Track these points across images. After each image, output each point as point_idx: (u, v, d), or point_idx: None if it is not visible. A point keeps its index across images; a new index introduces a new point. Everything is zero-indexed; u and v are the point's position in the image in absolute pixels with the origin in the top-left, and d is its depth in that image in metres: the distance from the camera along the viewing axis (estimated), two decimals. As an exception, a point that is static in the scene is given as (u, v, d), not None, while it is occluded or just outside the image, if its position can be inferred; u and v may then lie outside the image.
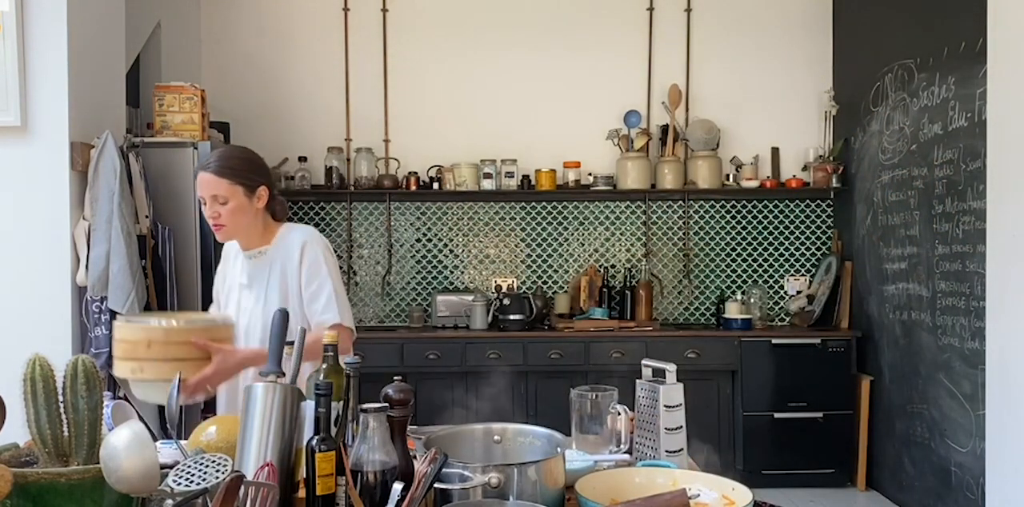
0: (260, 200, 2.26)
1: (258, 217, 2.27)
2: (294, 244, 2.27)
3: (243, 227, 2.25)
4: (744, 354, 4.50)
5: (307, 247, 2.26)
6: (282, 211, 2.35)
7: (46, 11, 3.10)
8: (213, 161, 2.22)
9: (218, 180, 2.19)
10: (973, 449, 3.43)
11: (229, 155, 2.26)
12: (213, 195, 2.19)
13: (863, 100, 4.54)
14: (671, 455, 1.80)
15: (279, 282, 2.27)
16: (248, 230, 2.27)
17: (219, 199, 2.19)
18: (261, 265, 2.30)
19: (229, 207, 2.20)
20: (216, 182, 2.19)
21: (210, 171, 2.20)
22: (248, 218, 2.25)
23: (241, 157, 2.28)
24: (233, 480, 1.19)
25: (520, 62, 4.98)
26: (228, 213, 2.21)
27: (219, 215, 2.21)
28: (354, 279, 4.98)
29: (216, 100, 4.39)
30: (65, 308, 3.14)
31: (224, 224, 2.22)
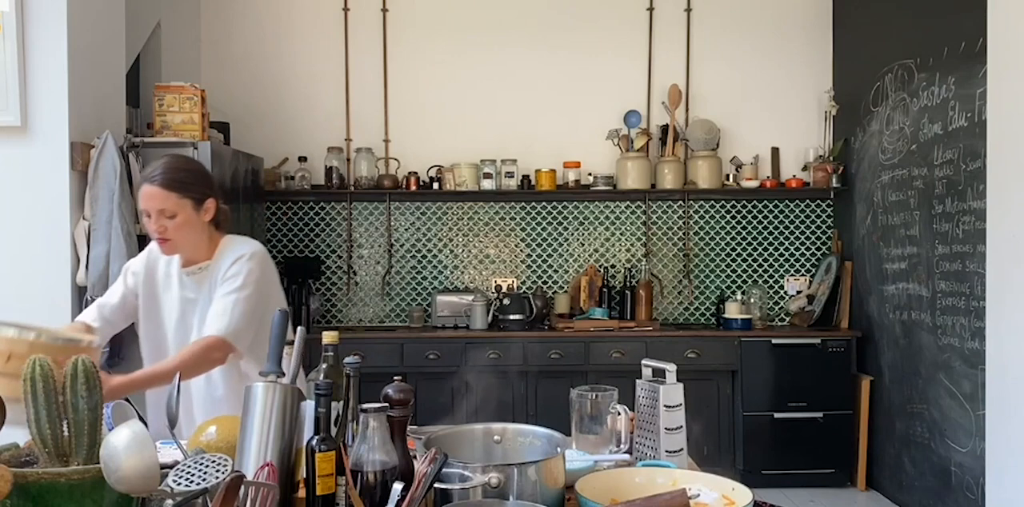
0: (207, 213, 2.19)
1: (204, 230, 2.21)
2: (232, 255, 2.20)
3: (191, 242, 2.19)
4: (744, 354, 4.50)
5: (239, 261, 2.18)
6: (226, 221, 2.27)
7: (46, 11, 3.10)
8: (159, 173, 2.12)
9: (166, 194, 2.10)
10: (973, 449, 3.43)
11: (176, 167, 2.16)
12: (160, 209, 2.11)
13: (863, 100, 4.54)
14: (671, 455, 1.81)
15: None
16: (195, 244, 2.20)
17: (166, 213, 2.11)
18: (201, 281, 2.22)
19: (176, 221, 2.13)
20: (164, 196, 2.10)
21: (156, 184, 2.10)
22: (196, 232, 2.18)
23: (188, 169, 2.19)
24: (233, 480, 1.19)
25: (520, 62, 4.98)
26: (175, 227, 2.13)
27: (165, 229, 2.13)
28: (354, 279, 4.98)
29: (216, 100, 4.39)
30: (65, 308, 3.14)
31: (171, 238, 2.14)
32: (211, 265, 2.23)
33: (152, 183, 2.11)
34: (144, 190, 2.12)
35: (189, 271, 2.24)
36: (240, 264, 2.19)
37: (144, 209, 2.13)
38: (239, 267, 2.18)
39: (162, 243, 2.16)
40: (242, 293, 2.15)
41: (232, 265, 2.18)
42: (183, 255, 2.23)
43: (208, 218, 2.20)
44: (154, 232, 2.14)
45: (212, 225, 2.23)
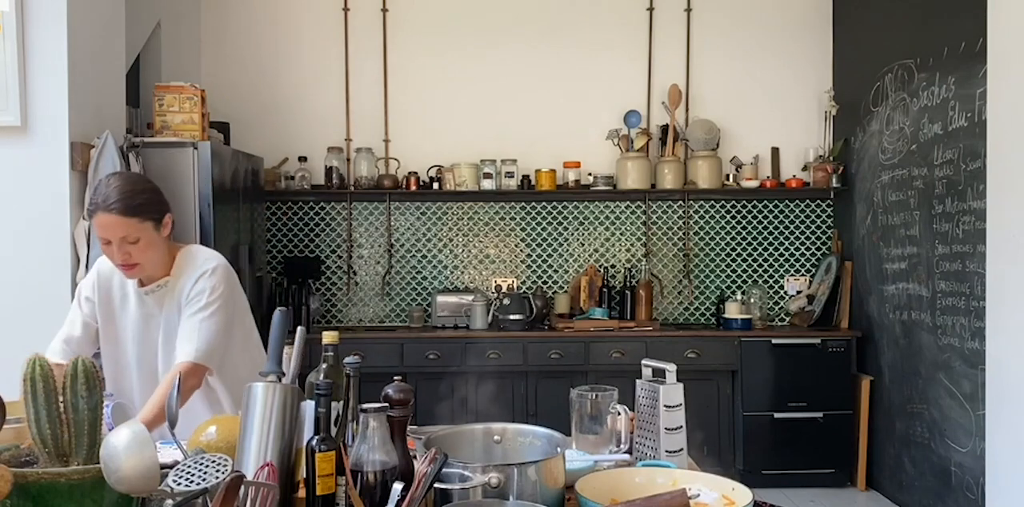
0: (166, 228, 2.13)
1: (164, 246, 2.15)
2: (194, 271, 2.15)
3: (154, 262, 2.13)
4: (744, 354, 4.50)
5: (202, 278, 2.13)
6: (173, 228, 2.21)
7: (46, 11, 3.10)
8: (115, 201, 2.02)
9: (126, 221, 2.03)
10: (973, 449, 3.43)
11: (131, 191, 2.06)
12: (122, 236, 2.04)
13: (863, 100, 4.54)
14: (671, 455, 1.80)
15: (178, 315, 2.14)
16: (157, 263, 2.15)
17: (129, 239, 2.05)
18: (161, 299, 2.17)
19: (140, 245, 2.07)
20: (125, 223, 2.03)
21: (115, 212, 2.02)
22: (158, 251, 2.13)
23: (143, 190, 2.11)
24: (233, 480, 1.19)
25: (520, 62, 4.98)
26: (139, 251, 2.07)
27: (130, 256, 2.06)
28: (354, 279, 4.98)
29: (216, 100, 4.39)
30: (65, 308, 3.12)
31: (137, 263, 2.08)
32: (171, 282, 2.17)
33: (109, 211, 2.02)
34: (101, 219, 2.03)
35: (147, 290, 2.18)
36: (204, 281, 2.14)
37: (103, 237, 2.05)
38: (203, 284, 2.13)
39: (128, 269, 2.09)
40: (207, 312, 2.11)
41: (196, 283, 2.14)
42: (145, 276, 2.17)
43: (167, 233, 2.14)
44: (118, 260, 2.07)
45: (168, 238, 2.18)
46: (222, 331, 2.13)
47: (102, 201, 2.03)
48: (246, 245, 4.04)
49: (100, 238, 2.06)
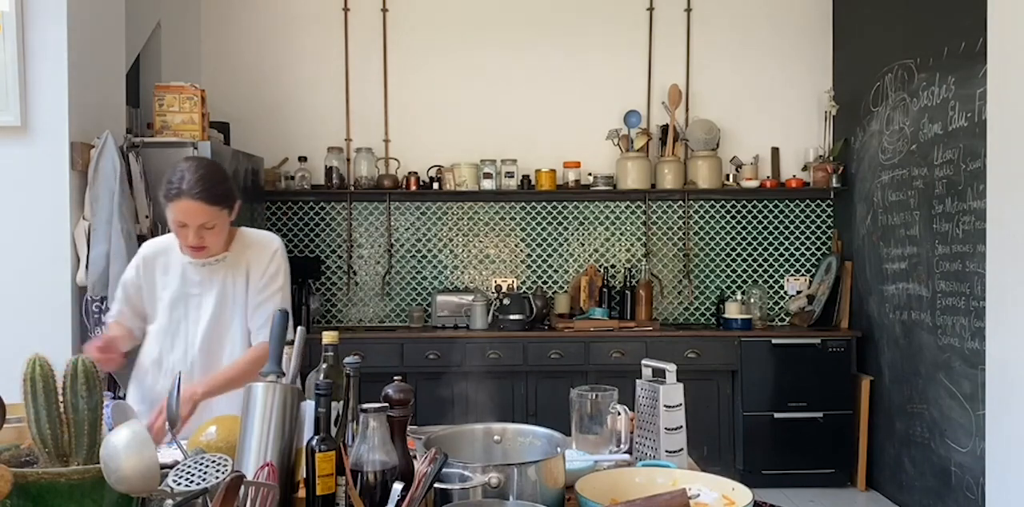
0: (235, 214, 2.22)
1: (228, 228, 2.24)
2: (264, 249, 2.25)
3: (221, 243, 2.21)
4: (744, 354, 4.50)
5: (275, 257, 2.25)
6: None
7: (46, 11, 3.10)
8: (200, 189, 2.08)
9: (209, 208, 2.09)
10: (973, 449, 3.43)
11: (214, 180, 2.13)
12: (201, 223, 2.10)
13: (863, 100, 4.54)
14: (671, 455, 1.81)
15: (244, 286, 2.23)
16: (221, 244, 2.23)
17: (207, 225, 2.11)
18: (216, 271, 2.24)
19: (215, 231, 2.14)
20: (208, 211, 2.09)
21: (199, 199, 2.08)
22: (225, 234, 2.21)
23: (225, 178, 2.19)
24: (233, 480, 1.19)
25: (520, 62, 4.98)
26: (213, 236, 2.15)
27: (203, 239, 2.13)
28: (354, 279, 4.98)
29: (216, 100, 4.39)
30: (65, 308, 3.14)
31: (207, 246, 2.16)
32: (229, 257, 2.25)
33: (194, 199, 2.07)
34: (184, 204, 2.08)
35: (204, 262, 2.23)
36: (277, 262, 2.26)
37: (181, 221, 2.10)
38: (276, 265, 2.26)
39: (197, 251, 2.17)
40: (284, 292, 2.25)
41: (271, 263, 2.25)
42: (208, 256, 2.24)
43: (234, 218, 2.23)
44: (191, 242, 2.13)
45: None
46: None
47: (187, 188, 2.08)
48: (246, 245, 4.03)
49: (176, 221, 2.11)
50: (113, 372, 2.22)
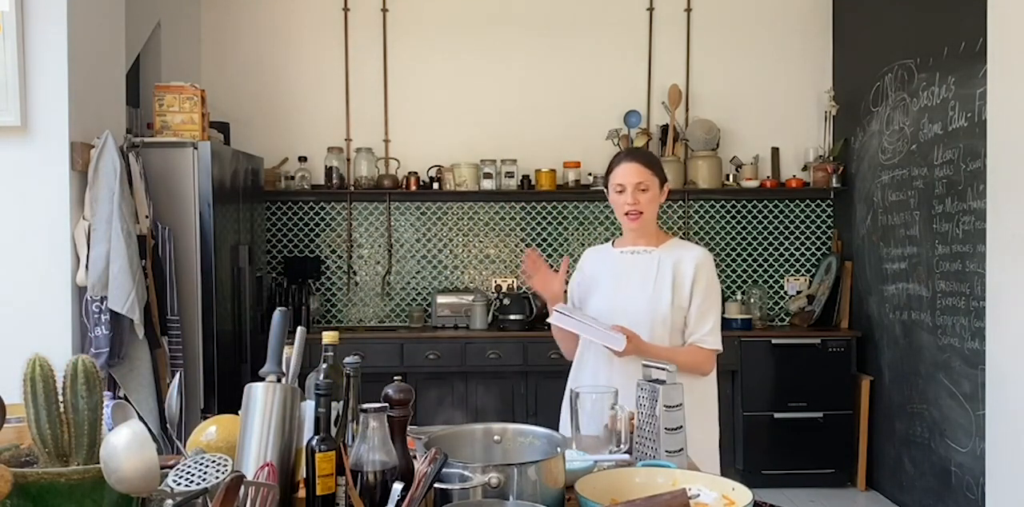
0: (664, 195, 2.42)
1: (657, 212, 2.44)
2: (689, 257, 2.38)
3: (650, 219, 2.41)
4: (744, 354, 4.50)
5: (703, 267, 2.37)
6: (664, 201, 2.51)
7: (46, 11, 3.09)
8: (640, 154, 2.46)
9: (644, 170, 2.36)
10: (973, 449, 3.43)
11: (651, 153, 2.53)
12: (637, 183, 2.35)
13: (863, 100, 4.54)
14: (671, 455, 1.80)
15: (671, 280, 2.36)
16: (651, 224, 2.43)
17: (641, 186, 2.35)
18: (647, 261, 2.41)
19: (648, 195, 2.36)
20: (642, 171, 2.36)
21: (638, 161, 2.38)
22: (655, 211, 2.42)
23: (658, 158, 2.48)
24: (233, 480, 1.19)
25: (520, 62, 4.98)
26: (647, 202, 2.36)
27: (639, 202, 2.36)
28: (354, 279, 4.98)
29: (216, 100, 4.39)
30: (65, 308, 3.14)
31: (643, 211, 2.37)
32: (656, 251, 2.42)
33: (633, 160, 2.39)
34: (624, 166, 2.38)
35: (631, 250, 2.45)
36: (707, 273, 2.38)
37: (620, 183, 2.37)
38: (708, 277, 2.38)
39: (635, 217, 2.38)
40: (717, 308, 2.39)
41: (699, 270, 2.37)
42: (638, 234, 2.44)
43: (662, 200, 2.44)
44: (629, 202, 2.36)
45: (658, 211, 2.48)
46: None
47: (626, 154, 2.43)
48: (246, 245, 4.04)
49: (616, 185, 2.38)
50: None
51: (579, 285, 2.53)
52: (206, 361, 3.56)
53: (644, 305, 2.36)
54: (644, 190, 2.35)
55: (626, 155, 2.42)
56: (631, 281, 2.40)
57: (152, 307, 3.30)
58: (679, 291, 2.35)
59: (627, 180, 2.36)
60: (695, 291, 2.34)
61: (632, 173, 2.36)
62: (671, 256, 2.40)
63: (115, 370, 3.16)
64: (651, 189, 2.37)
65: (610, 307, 2.39)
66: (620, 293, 2.40)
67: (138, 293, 3.13)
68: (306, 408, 1.48)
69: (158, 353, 3.34)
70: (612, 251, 2.50)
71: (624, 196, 2.37)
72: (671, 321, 2.34)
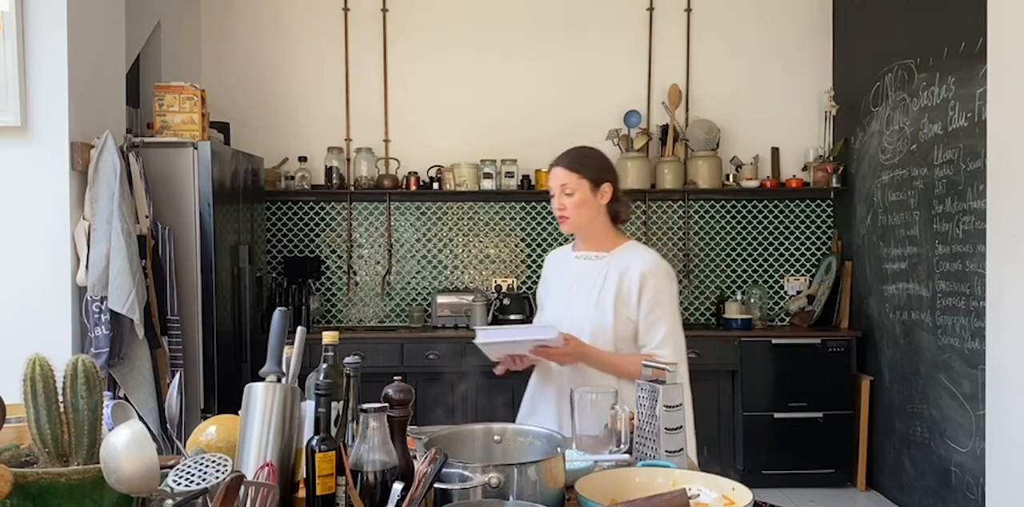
0: (604, 196, 2.31)
1: (599, 213, 2.32)
2: (636, 266, 2.29)
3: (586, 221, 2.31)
4: (744, 354, 4.50)
5: (650, 275, 2.27)
6: (626, 212, 2.39)
7: (46, 11, 3.09)
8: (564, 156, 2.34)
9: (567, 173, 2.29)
10: (973, 449, 3.43)
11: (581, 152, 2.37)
12: (562, 184, 2.28)
13: (863, 100, 4.54)
14: (671, 455, 1.80)
15: (615, 290, 2.28)
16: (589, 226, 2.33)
17: (566, 190, 2.28)
18: (596, 269, 2.33)
19: (575, 199, 2.27)
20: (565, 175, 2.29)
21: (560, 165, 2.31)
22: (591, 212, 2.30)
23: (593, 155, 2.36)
24: (233, 480, 1.19)
25: (520, 62, 4.98)
26: (574, 205, 2.28)
27: (564, 207, 2.29)
28: (354, 279, 4.98)
29: (216, 100, 4.39)
30: (65, 308, 3.14)
31: (569, 216, 2.29)
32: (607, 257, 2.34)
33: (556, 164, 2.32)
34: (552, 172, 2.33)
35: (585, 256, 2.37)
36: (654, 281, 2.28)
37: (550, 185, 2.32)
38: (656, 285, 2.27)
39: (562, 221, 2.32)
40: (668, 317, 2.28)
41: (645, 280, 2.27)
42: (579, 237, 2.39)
43: (603, 201, 2.31)
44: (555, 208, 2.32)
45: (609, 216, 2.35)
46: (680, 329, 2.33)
47: (556, 158, 2.35)
48: (246, 245, 4.04)
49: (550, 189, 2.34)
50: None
51: (543, 290, 2.51)
52: (206, 361, 3.56)
53: (588, 315, 2.29)
54: (569, 194, 2.28)
55: (557, 158, 2.35)
56: (580, 290, 2.34)
57: (152, 307, 3.30)
58: (624, 302, 2.27)
59: (552, 184, 2.31)
60: (642, 301, 2.26)
61: (557, 176, 2.31)
62: (620, 264, 2.31)
63: (115, 370, 3.16)
64: (578, 192, 2.28)
65: (557, 316, 2.36)
66: (568, 301, 2.35)
67: (138, 293, 3.13)
68: (306, 408, 1.48)
69: (158, 353, 3.33)
70: (569, 255, 2.44)
71: (553, 201, 2.32)
72: (615, 332, 2.27)
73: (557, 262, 2.48)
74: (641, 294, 2.25)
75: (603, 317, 2.28)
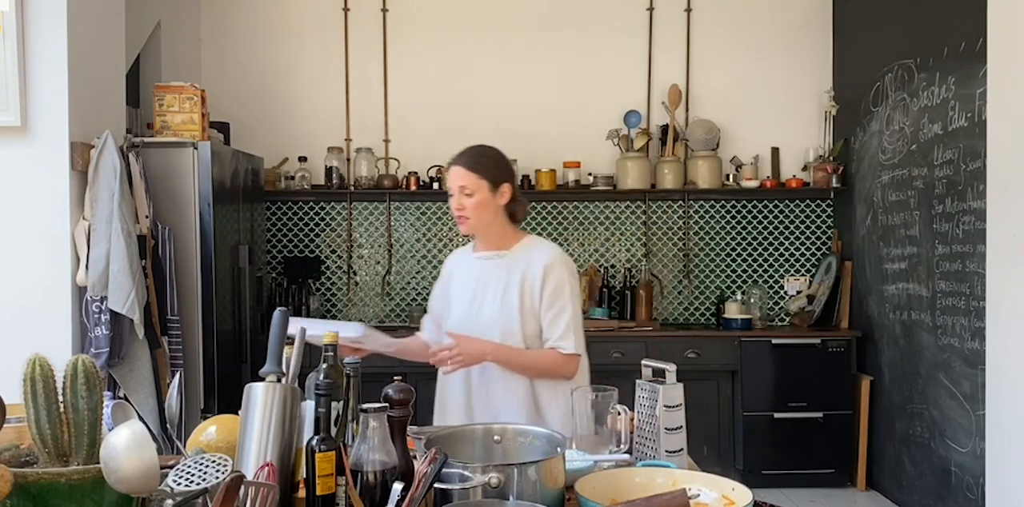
0: (503, 196, 2.30)
1: (499, 213, 2.31)
2: (538, 260, 2.29)
3: (486, 222, 2.30)
4: (744, 354, 4.50)
5: (552, 269, 2.28)
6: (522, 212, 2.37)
7: (46, 11, 3.09)
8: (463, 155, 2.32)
9: (467, 173, 2.27)
10: (973, 449, 3.43)
11: (480, 152, 2.35)
12: (461, 186, 2.26)
13: (863, 100, 4.54)
14: (671, 455, 1.80)
15: (519, 286, 2.28)
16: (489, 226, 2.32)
17: (465, 190, 2.26)
18: (499, 268, 2.33)
19: (475, 200, 2.26)
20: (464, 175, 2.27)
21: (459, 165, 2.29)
22: (490, 213, 2.29)
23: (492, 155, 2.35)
24: (233, 480, 1.19)
25: (520, 62, 4.98)
26: (473, 207, 2.26)
27: (464, 207, 2.27)
28: (354, 279, 4.98)
29: (216, 100, 4.39)
30: (65, 308, 3.13)
31: (469, 217, 2.28)
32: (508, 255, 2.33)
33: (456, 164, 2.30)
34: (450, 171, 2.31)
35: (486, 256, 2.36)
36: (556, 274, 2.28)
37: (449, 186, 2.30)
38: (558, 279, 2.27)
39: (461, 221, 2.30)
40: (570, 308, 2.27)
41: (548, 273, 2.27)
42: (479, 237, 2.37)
43: (503, 202, 2.30)
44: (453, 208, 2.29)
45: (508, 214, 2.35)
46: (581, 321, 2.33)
47: (454, 157, 2.33)
48: (246, 245, 4.04)
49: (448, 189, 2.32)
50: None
51: (441, 292, 2.47)
52: (206, 361, 3.56)
53: (495, 316, 2.29)
54: (469, 195, 2.26)
55: (455, 158, 2.33)
56: (486, 291, 2.33)
57: (152, 307, 3.30)
58: (528, 298, 2.28)
59: (452, 184, 2.30)
60: (544, 295, 2.27)
61: (456, 177, 2.29)
62: (522, 261, 2.31)
63: (115, 370, 3.16)
64: (477, 193, 2.26)
65: (465, 319, 2.34)
66: (475, 303, 2.35)
67: (138, 293, 3.13)
68: (306, 408, 1.48)
69: (158, 353, 3.33)
70: (471, 256, 2.42)
71: (452, 201, 2.30)
72: (523, 330, 2.28)
73: (459, 264, 2.46)
74: (543, 287, 2.27)
75: (510, 316, 2.28)
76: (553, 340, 2.27)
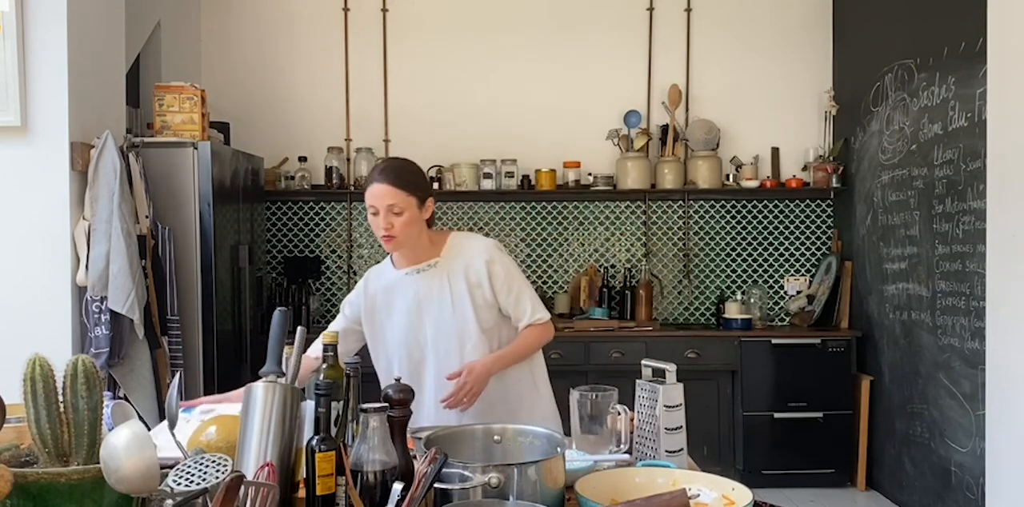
0: (427, 211, 2.25)
1: (423, 228, 2.26)
2: (476, 256, 2.28)
3: (413, 238, 2.23)
4: (744, 354, 4.50)
5: (493, 261, 2.28)
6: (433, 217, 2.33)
7: (46, 11, 3.09)
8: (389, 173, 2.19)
9: (395, 191, 2.16)
10: (973, 449, 3.43)
11: (405, 167, 2.24)
12: (389, 205, 2.15)
13: (863, 100, 4.54)
14: (671, 455, 1.81)
15: (465, 287, 2.26)
16: (416, 241, 2.25)
17: (394, 209, 2.16)
18: (435, 278, 2.28)
19: (404, 218, 2.17)
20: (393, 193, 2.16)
21: (386, 182, 2.16)
22: (417, 229, 2.22)
23: (416, 170, 2.27)
24: (233, 480, 1.19)
25: (520, 62, 4.98)
26: (402, 225, 2.18)
27: (392, 226, 2.17)
28: (354, 279, 4.97)
29: (216, 100, 4.39)
30: (65, 308, 3.14)
31: (396, 235, 2.18)
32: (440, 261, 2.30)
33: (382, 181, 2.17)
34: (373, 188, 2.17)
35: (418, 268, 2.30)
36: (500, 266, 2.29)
37: (372, 205, 2.18)
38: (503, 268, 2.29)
39: (388, 240, 2.20)
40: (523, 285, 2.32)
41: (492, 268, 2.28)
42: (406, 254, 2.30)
43: (426, 217, 2.26)
44: (381, 228, 2.18)
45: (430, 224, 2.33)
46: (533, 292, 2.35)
47: (378, 173, 2.19)
48: (246, 245, 4.04)
49: (369, 206, 2.19)
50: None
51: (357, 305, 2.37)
52: (206, 361, 3.56)
53: (449, 329, 2.26)
54: (398, 214, 2.16)
55: (379, 173, 2.18)
56: (429, 304, 2.28)
57: (152, 307, 3.30)
58: (480, 293, 2.26)
59: (379, 203, 2.16)
60: (496, 285, 2.27)
61: (383, 195, 2.15)
62: (458, 261, 2.28)
63: (115, 370, 3.16)
64: (407, 211, 2.16)
65: (410, 340, 2.30)
66: (416, 320, 2.29)
67: (138, 293, 3.13)
68: (306, 408, 1.48)
69: (158, 353, 3.34)
70: (394, 273, 2.33)
71: (377, 219, 2.18)
72: (481, 324, 2.26)
73: (383, 282, 2.35)
74: (492, 280, 2.27)
75: (464, 319, 2.27)
76: (526, 318, 2.31)
